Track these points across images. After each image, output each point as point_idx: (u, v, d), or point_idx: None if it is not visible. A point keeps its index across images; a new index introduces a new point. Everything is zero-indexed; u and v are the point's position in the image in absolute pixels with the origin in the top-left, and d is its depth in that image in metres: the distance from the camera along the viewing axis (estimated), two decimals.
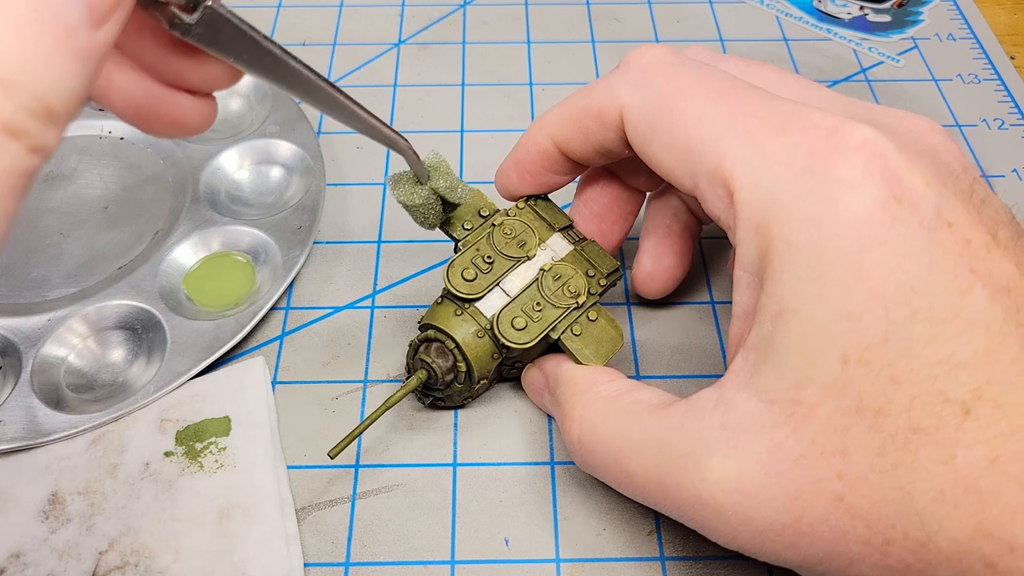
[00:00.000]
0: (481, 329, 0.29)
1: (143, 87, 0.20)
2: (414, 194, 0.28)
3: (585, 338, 0.29)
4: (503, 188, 0.32)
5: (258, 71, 0.21)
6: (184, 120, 0.21)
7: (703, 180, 0.25)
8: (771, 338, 0.22)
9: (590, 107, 0.28)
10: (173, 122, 0.21)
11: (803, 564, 0.22)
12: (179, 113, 0.21)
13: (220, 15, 0.19)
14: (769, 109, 0.24)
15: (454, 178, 0.29)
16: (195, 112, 0.21)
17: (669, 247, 0.32)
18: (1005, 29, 0.48)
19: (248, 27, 0.20)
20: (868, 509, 0.20)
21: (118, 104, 0.21)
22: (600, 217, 0.32)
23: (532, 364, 0.31)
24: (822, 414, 0.21)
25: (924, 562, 0.20)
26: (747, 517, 0.22)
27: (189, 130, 0.21)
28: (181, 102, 0.21)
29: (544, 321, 0.29)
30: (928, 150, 0.24)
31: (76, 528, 0.28)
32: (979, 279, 0.21)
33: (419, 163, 0.27)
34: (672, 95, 0.26)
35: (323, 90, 0.23)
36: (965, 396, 0.20)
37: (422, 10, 0.49)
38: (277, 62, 0.21)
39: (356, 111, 0.24)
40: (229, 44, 0.20)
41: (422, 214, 0.29)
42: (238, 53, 0.20)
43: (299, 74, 0.22)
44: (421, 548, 0.29)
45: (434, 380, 0.29)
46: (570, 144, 0.29)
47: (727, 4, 0.49)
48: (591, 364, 0.28)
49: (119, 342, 0.33)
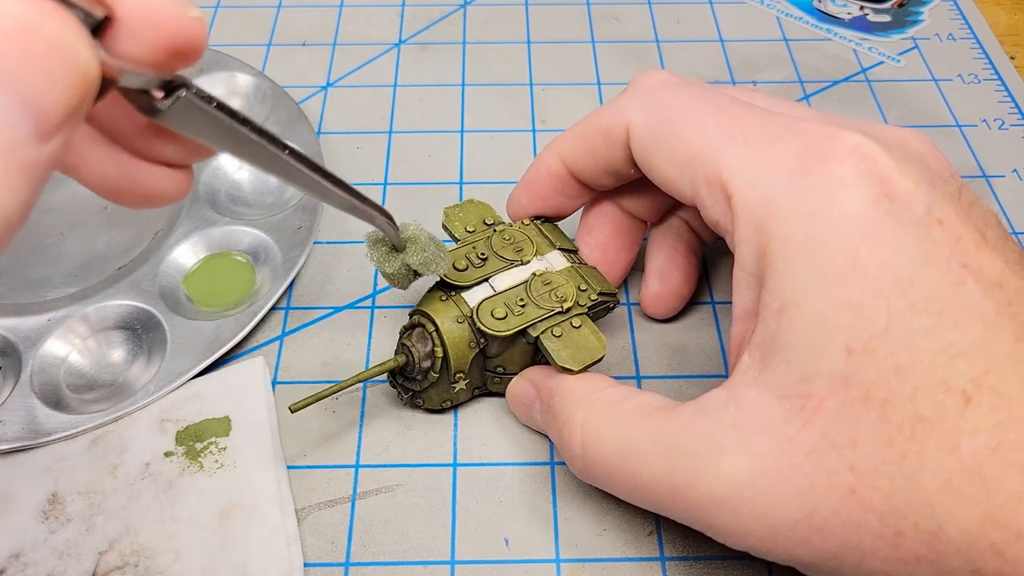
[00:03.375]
0: (462, 315, 0.29)
1: (116, 161, 0.20)
2: (387, 262, 0.28)
3: (565, 341, 0.28)
4: (514, 212, 0.33)
5: (232, 152, 0.20)
6: (159, 193, 0.20)
7: (702, 187, 0.26)
8: (776, 334, 0.23)
9: (599, 126, 0.29)
10: (148, 195, 0.20)
11: (815, 561, 0.22)
12: (154, 186, 0.20)
13: (192, 103, 0.18)
14: (765, 122, 0.25)
15: (432, 252, 0.28)
16: (170, 184, 0.20)
17: (675, 267, 0.33)
18: (1005, 29, 0.48)
19: (224, 113, 0.19)
20: (879, 501, 0.21)
21: (89, 179, 0.20)
22: (604, 246, 0.33)
23: (519, 377, 0.30)
24: (831, 406, 0.21)
25: (935, 552, 0.20)
26: (760, 514, 0.22)
27: (164, 202, 0.21)
28: (156, 174, 0.20)
29: (525, 317, 0.29)
30: (916, 156, 0.25)
31: (76, 528, 0.28)
32: (971, 274, 0.21)
33: (397, 236, 0.27)
34: (675, 110, 0.27)
35: (302, 173, 0.22)
36: (966, 385, 0.20)
37: (422, 10, 0.49)
38: (252, 145, 0.20)
39: (336, 191, 0.23)
40: (201, 129, 0.19)
41: (393, 280, 0.29)
42: (210, 136, 0.19)
43: (277, 159, 0.21)
44: (421, 548, 0.29)
45: (411, 366, 0.29)
46: (579, 164, 0.31)
47: (727, 4, 0.49)
48: (567, 367, 0.28)
49: (119, 342, 0.33)
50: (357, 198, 0.24)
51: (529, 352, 0.30)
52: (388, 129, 0.42)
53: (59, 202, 0.38)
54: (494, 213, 0.33)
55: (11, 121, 0.15)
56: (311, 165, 0.22)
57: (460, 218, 0.32)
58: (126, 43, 0.17)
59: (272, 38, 0.47)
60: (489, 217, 0.32)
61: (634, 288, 0.36)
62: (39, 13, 0.15)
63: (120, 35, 0.17)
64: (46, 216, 0.37)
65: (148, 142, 0.20)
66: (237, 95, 0.42)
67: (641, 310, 0.34)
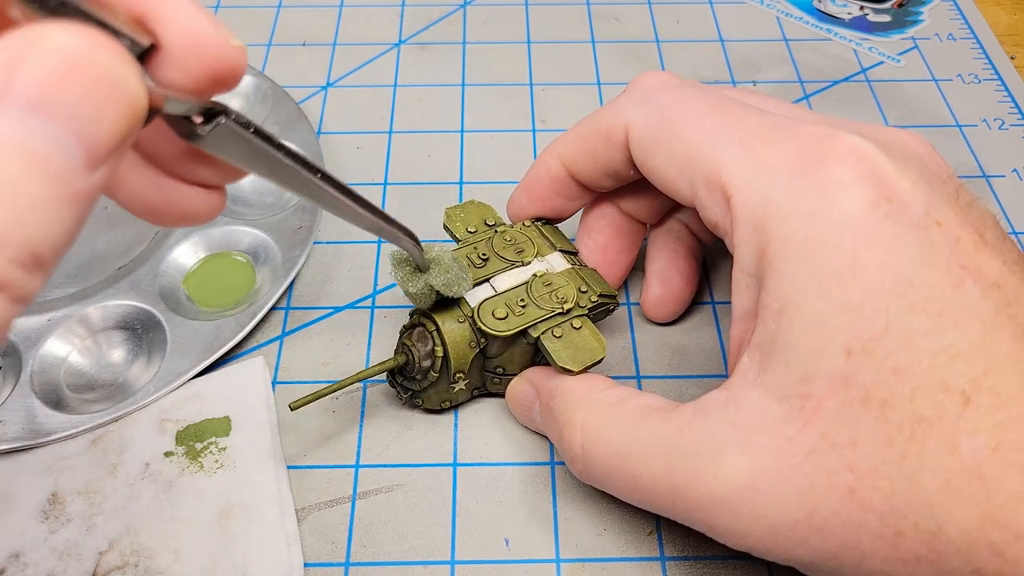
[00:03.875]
0: (463, 315, 0.29)
1: (154, 183, 0.20)
2: (410, 282, 0.28)
3: (565, 342, 0.28)
4: (514, 213, 0.33)
5: (266, 176, 0.20)
6: (194, 213, 0.21)
7: (701, 187, 0.26)
8: (775, 335, 0.23)
9: (598, 127, 0.29)
10: (183, 216, 0.21)
11: (814, 561, 0.22)
12: (189, 206, 0.21)
13: (231, 130, 0.19)
14: (763, 123, 0.25)
15: (455, 273, 0.28)
16: (205, 205, 0.21)
17: (676, 270, 0.33)
18: (1005, 29, 0.48)
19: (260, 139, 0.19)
20: (879, 501, 0.21)
21: (127, 200, 0.20)
22: (604, 248, 0.33)
23: (519, 378, 0.30)
24: (831, 407, 0.21)
25: (935, 553, 0.20)
26: (760, 514, 0.22)
27: (198, 221, 0.21)
28: (192, 195, 0.21)
29: (526, 317, 0.29)
30: (914, 157, 0.25)
31: (76, 528, 0.28)
32: (969, 274, 0.21)
33: (422, 257, 0.27)
34: (673, 110, 0.27)
35: (332, 196, 0.22)
36: (964, 385, 0.20)
37: (422, 10, 0.49)
38: (287, 170, 0.20)
39: (364, 213, 0.24)
40: (238, 153, 0.19)
41: (416, 299, 0.29)
42: (246, 161, 0.20)
43: (309, 182, 0.21)
44: (421, 548, 0.29)
45: (411, 365, 0.29)
46: (579, 165, 0.31)
47: (727, 4, 0.49)
48: (567, 368, 0.28)
49: (119, 342, 0.33)
50: (384, 220, 0.25)
51: (529, 353, 0.30)
52: (388, 129, 0.42)
53: None
54: (495, 214, 0.33)
55: (64, 151, 0.15)
56: (341, 188, 0.22)
57: (461, 219, 0.32)
58: (170, 71, 0.17)
59: (272, 38, 0.47)
60: (490, 218, 0.32)
61: (634, 289, 0.36)
62: (91, 46, 0.15)
63: (164, 63, 0.17)
64: None
65: (186, 165, 0.20)
66: (237, 95, 0.42)
67: (642, 312, 0.34)
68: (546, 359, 0.29)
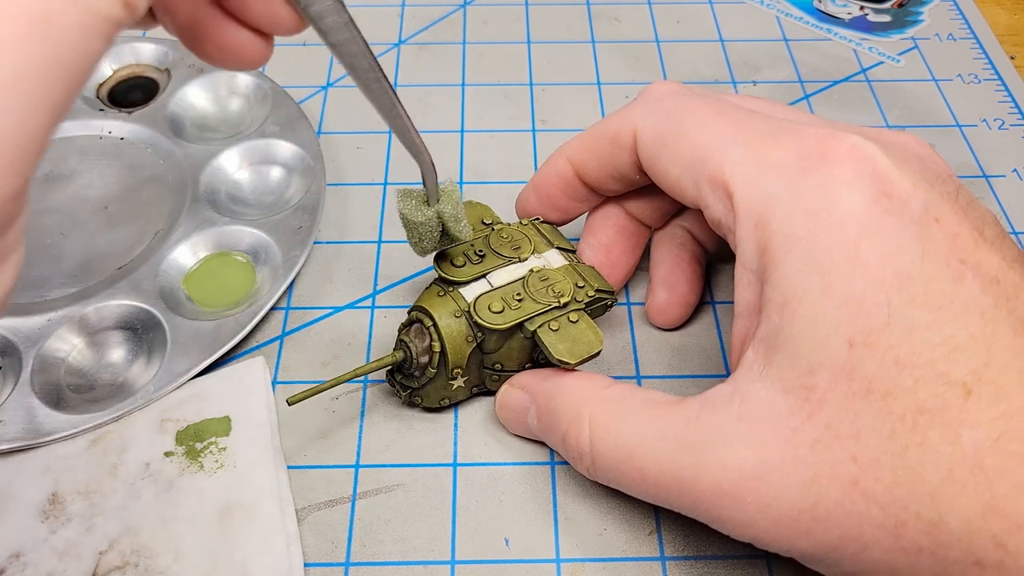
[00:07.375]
0: (459, 310, 0.29)
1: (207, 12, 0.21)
2: (419, 212, 0.28)
3: (561, 334, 0.29)
4: (522, 211, 0.34)
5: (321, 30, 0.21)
6: (238, 51, 0.21)
7: (705, 186, 0.26)
8: (779, 329, 0.23)
9: (607, 130, 0.30)
10: (227, 49, 0.21)
11: (816, 552, 0.22)
12: (234, 43, 0.21)
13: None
14: (766, 124, 0.26)
15: (461, 210, 0.29)
16: (249, 46, 0.21)
17: (680, 275, 0.33)
18: (1005, 29, 0.48)
19: None
20: (882, 492, 0.21)
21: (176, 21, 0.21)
22: (608, 248, 0.33)
23: (509, 385, 0.30)
24: (834, 398, 0.22)
25: (936, 543, 0.20)
26: (765, 505, 0.22)
27: (239, 63, 0.21)
28: (240, 34, 0.21)
29: (522, 311, 0.29)
30: (914, 157, 0.25)
31: (76, 528, 0.28)
32: (969, 269, 0.22)
33: (435, 181, 0.28)
34: (679, 115, 0.28)
35: (374, 75, 0.23)
36: (966, 377, 0.21)
37: (422, 10, 0.49)
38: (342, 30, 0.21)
39: (400, 111, 0.25)
40: None
41: (419, 234, 0.29)
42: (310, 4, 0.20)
43: (359, 52, 0.22)
44: (421, 548, 0.29)
45: (409, 361, 0.29)
46: (587, 167, 0.31)
47: (727, 4, 0.49)
48: (563, 360, 0.28)
49: (119, 342, 0.33)
50: (411, 125, 0.26)
51: (527, 348, 0.30)
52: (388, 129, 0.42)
53: (59, 202, 0.38)
54: (492, 213, 0.33)
55: None
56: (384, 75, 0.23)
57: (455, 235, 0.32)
58: None
59: None
60: (487, 217, 0.33)
61: (634, 288, 0.36)
62: None
63: None
64: (46, 216, 0.37)
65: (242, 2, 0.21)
66: (237, 95, 0.42)
67: (645, 316, 0.34)
68: (543, 356, 0.29)
